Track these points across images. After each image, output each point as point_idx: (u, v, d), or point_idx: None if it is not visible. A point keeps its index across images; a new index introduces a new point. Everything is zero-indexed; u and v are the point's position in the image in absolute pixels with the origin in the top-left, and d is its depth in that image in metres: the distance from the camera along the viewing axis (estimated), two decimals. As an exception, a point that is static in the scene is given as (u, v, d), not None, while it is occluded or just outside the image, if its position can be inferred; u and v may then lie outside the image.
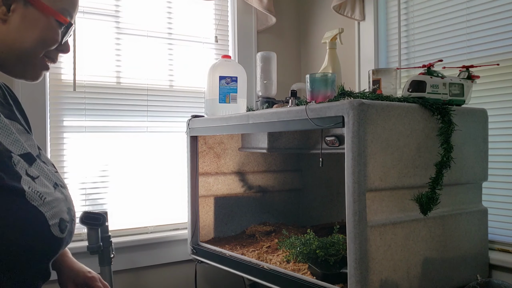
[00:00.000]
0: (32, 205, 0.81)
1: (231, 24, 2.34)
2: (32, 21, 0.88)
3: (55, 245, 0.87)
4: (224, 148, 2.01)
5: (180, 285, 2.11)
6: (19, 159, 0.84)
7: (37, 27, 0.89)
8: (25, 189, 0.81)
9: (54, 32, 0.91)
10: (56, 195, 0.88)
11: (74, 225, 0.94)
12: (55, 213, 0.85)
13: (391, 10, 2.05)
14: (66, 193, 0.94)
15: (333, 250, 1.44)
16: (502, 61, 1.62)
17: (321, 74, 1.44)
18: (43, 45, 0.91)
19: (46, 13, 0.89)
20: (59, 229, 0.85)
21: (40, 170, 0.88)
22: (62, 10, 0.92)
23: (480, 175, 1.52)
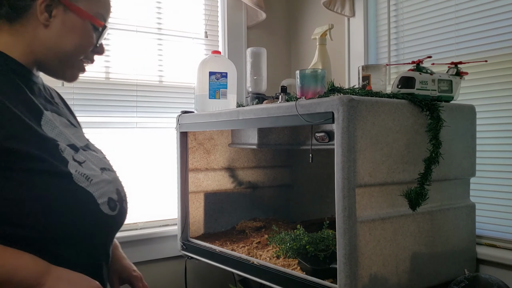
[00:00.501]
0: (80, 186, 0.90)
1: (221, 20, 2.33)
2: (71, 26, 0.96)
3: (108, 222, 0.97)
4: (214, 144, 2.00)
5: (170, 281, 2.11)
6: (65, 147, 0.93)
7: (75, 31, 0.97)
8: (72, 172, 0.90)
9: (90, 36, 1.00)
10: (103, 177, 0.97)
11: (125, 205, 1.03)
12: (103, 192, 0.94)
13: (381, 7, 2.06)
14: (114, 175, 1.03)
15: (322, 246, 1.45)
16: (490, 57, 1.64)
17: (311, 70, 1.44)
18: (81, 48, 0.99)
19: (83, 17, 0.97)
20: (108, 207, 0.95)
21: (87, 156, 0.98)
22: (97, 14, 1.00)
23: (468, 170, 1.53)
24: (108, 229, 0.99)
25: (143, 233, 2.02)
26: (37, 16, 0.93)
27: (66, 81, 1.05)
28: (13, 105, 0.87)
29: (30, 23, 0.94)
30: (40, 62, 0.98)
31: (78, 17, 0.97)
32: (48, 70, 1.01)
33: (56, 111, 1.02)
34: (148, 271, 2.06)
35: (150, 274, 2.06)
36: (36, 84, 1.00)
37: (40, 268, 0.84)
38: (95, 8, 0.99)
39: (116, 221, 1.00)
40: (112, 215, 0.96)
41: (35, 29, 0.94)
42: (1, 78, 0.90)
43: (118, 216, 0.99)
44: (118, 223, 1.02)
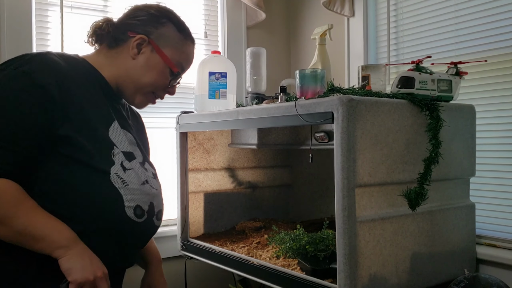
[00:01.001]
0: (114, 186, 1.05)
1: (221, 20, 2.33)
2: (152, 64, 1.16)
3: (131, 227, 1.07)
4: (214, 144, 2.00)
5: (170, 281, 2.10)
6: (119, 152, 1.08)
7: (154, 70, 1.17)
8: (111, 172, 1.05)
9: (165, 78, 1.20)
10: (141, 187, 1.10)
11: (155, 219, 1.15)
12: (133, 198, 1.07)
13: (381, 7, 2.06)
14: (155, 192, 1.16)
15: (322, 246, 1.45)
16: (490, 57, 1.64)
17: (311, 70, 1.44)
18: (155, 85, 1.19)
19: (164, 61, 1.17)
20: (133, 212, 1.07)
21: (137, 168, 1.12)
22: (178, 63, 1.21)
23: (468, 170, 1.53)
24: (131, 233, 1.10)
25: (143, 233, 2.02)
26: (129, 50, 1.14)
27: (133, 105, 1.24)
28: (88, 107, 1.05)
29: (123, 53, 1.15)
30: (119, 86, 1.17)
31: (160, 59, 1.17)
32: (123, 93, 1.19)
33: (126, 127, 1.17)
34: (148, 271, 2.06)
35: (150, 274, 2.06)
36: (118, 102, 1.19)
37: (71, 236, 0.99)
38: (177, 57, 1.20)
39: (140, 229, 1.11)
40: (136, 221, 1.08)
41: (125, 59, 1.15)
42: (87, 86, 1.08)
43: (143, 225, 1.11)
44: (142, 232, 1.13)
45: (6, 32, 1.75)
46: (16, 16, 1.79)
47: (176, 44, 1.20)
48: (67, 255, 0.97)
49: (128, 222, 1.07)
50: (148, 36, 1.15)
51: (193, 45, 1.26)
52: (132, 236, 1.11)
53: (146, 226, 1.12)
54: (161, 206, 1.20)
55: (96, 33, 1.18)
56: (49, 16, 1.90)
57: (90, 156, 1.02)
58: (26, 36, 1.80)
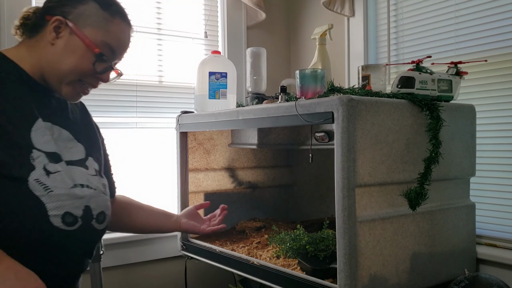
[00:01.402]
0: (34, 195, 0.92)
1: (221, 20, 2.33)
2: (72, 48, 1.02)
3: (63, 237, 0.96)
4: (214, 144, 2.00)
5: (170, 281, 2.11)
6: (40, 155, 0.96)
7: (75, 54, 1.02)
8: (29, 179, 0.92)
9: (89, 61, 1.04)
10: (71, 191, 0.98)
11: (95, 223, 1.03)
12: (60, 205, 0.95)
13: (381, 6, 2.06)
14: (92, 193, 1.04)
15: (322, 246, 1.45)
16: (490, 57, 1.64)
17: (311, 70, 1.44)
18: (77, 71, 1.04)
19: (84, 42, 1.02)
20: (62, 221, 0.95)
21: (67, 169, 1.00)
22: (102, 43, 1.04)
23: (468, 170, 1.53)
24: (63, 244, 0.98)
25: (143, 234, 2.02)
26: (47, 35, 1.02)
27: (63, 97, 1.08)
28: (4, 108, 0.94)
29: (43, 40, 1.03)
30: (44, 76, 1.04)
31: (80, 41, 1.02)
32: (50, 85, 1.06)
33: (59, 123, 1.06)
34: (148, 271, 2.06)
35: (150, 274, 2.06)
36: (46, 95, 1.06)
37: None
38: (100, 37, 1.04)
39: (76, 237, 0.99)
40: (67, 230, 0.97)
41: (45, 47, 1.03)
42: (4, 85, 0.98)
43: (78, 232, 0.99)
44: (80, 240, 1.01)
45: (6, 32, 1.75)
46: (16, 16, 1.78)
47: (99, 22, 1.04)
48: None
49: (57, 232, 0.95)
50: (66, 17, 1.02)
51: (125, 24, 1.10)
52: (68, 246, 0.99)
53: (83, 233, 1.00)
54: (102, 208, 1.06)
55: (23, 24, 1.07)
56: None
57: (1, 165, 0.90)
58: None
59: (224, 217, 1.50)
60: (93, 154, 1.12)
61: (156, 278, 2.07)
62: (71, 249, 1.01)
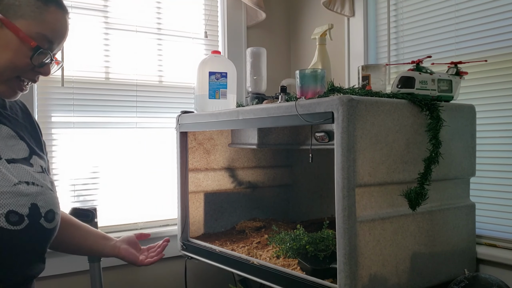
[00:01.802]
0: None
1: (221, 20, 2.33)
2: (4, 43, 0.94)
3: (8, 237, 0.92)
4: (214, 144, 2.00)
5: (170, 281, 2.11)
6: None
7: (8, 48, 0.95)
8: None
9: (25, 56, 0.96)
10: (15, 189, 0.94)
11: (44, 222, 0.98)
12: (2, 204, 0.91)
13: (381, 6, 2.06)
14: (39, 190, 0.98)
15: (322, 246, 1.45)
16: (490, 57, 1.64)
17: (311, 70, 1.44)
18: (13, 67, 0.96)
19: (18, 36, 0.94)
20: (5, 220, 0.91)
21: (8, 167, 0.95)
22: (38, 34, 0.96)
23: (468, 170, 1.53)
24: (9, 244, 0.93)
25: (143, 233, 2.02)
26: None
27: (3, 98, 1.02)
28: None
29: None
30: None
31: (13, 34, 0.95)
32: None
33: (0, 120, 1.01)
34: (148, 271, 2.06)
35: (150, 274, 2.06)
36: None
37: None
38: (35, 29, 0.96)
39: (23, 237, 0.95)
40: (12, 230, 0.92)
41: None
42: None
43: (26, 231, 0.94)
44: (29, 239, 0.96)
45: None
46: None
47: (31, 13, 0.96)
48: None
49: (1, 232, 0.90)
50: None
51: (61, 11, 1.01)
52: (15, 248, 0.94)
53: (31, 232, 0.95)
54: (51, 206, 1.01)
55: None
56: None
57: None
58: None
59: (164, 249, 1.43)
60: (37, 153, 1.06)
61: (156, 278, 2.07)
62: (18, 251, 0.96)
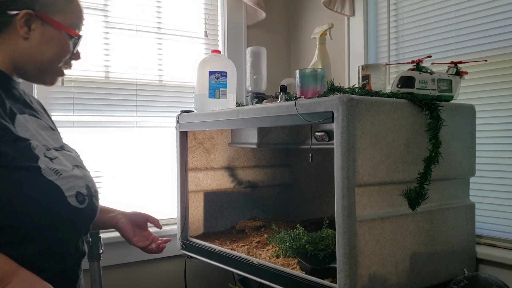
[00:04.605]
0: (49, 180, 0.97)
1: (221, 19, 2.33)
2: (49, 37, 1.05)
3: (76, 215, 1.02)
4: (214, 143, 2.00)
5: (170, 280, 2.11)
6: (37, 145, 1.00)
7: (53, 42, 1.05)
8: (42, 166, 0.97)
9: (67, 45, 1.08)
10: (73, 172, 1.03)
11: (95, 200, 1.09)
12: (71, 186, 1.00)
13: (381, 6, 2.06)
14: (86, 173, 1.10)
15: (322, 245, 1.45)
16: (490, 57, 1.64)
17: (311, 70, 1.44)
18: (59, 57, 1.07)
19: (60, 29, 1.05)
20: (76, 200, 1.01)
21: (61, 154, 1.05)
22: (72, 25, 1.08)
23: (467, 170, 1.53)
24: (77, 222, 1.04)
25: (143, 233, 2.01)
26: (18, 30, 1.02)
27: (45, 85, 1.12)
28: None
29: (11, 35, 1.03)
30: (20, 70, 1.06)
31: (55, 29, 1.05)
32: (28, 77, 1.09)
33: (34, 114, 1.08)
34: (148, 270, 2.06)
35: (150, 273, 2.06)
36: (16, 89, 1.08)
37: (8, 267, 0.89)
38: (70, 19, 1.07)
39: (85, 214, 1.05)
40: (80, 208, 1.02)
41: (16, 41, 1.03)
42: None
43: (87, 209, 1.04)
44: (87, 217, 1.07)
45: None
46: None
47: (63, 6, 1.06)
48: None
49: (74, 211, 1.01)
50: (33, 9, 1.02)
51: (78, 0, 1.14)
52: (80, 224, 1.06)
53: (90, 210, 1.06)
54: (95, 186, 1.11)
55: None
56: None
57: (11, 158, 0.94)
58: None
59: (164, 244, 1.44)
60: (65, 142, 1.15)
61: (155, 277, 2.07)
62: (81, 228, 1.07)
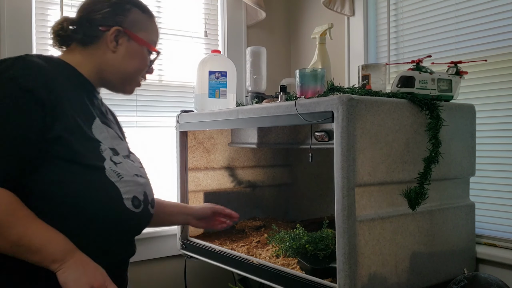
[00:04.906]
0: (110, 180, 1.06)
1: (221, 19, 2.33)
2: (132, 52, 1.18)
3: (130, 218, 1.10)
4: (214, 143, 2.00)
5: (170, 280, 2.11)
6: (106, 148, 1.09)
7: (136, 56, 1.19)
8: (106, 167, 1.06)
9: (146, 60, 1.22)
10: (134, 179, 1.12)
11: (150, 208, 1.17)
12: (129, 190, 1.09)
13: (381, 6, 2.06)
14: (147, 182, 1.19)
15: (322, 245, 1.45)
16: (490, 57, 1.64)
17: (311, 69, 1.44)
18: (140, 70, 1.21)
19: (142, 45, 1.19)
20: (132, 203, 1.09)
21: (124, 160, 1.14)
22: (152, 42, 1.23)
23: (467, 170, 1.53)
24: (130, 224, 1.12)
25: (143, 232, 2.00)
26: (107, 44, 1.15)
27: (125, 94, 1.26)
28: (72, 107, 1.06)
29: (100, 48, 1.15)
30: (104, 80, 1.19)
31: (138, 45, 1.18)
32: (111, 86, 1.22)
33: (107, 123, 1.18)
34: (148, 270, 2.06)
35: (150, 273, 2.06)
36: (97, 98, 1.21)
37: (67, 247, 0.97)
38: (151, 37, 1.22)
39: (139, 219, 1.13)
40: (134, 212, 1.10)
41: (104, 53, 1.16)
42: (70, 85, 1.09)
43: (141, 214, 1.12)
44: (140, 221, 1.15)
45: (6, 30, 1.75)
46: (16, 14, 1.79)
47: (146, 25, 1.21)
48: (62, 268, 0.95)
49: (128, 213, 1.09)
50: (122, 26, 1.15)
51: (155, 19, 1.27)
52: (132, 226, 1.14)
53: (143, 215, 1.14)
54: (152, 195, 1.22)
55: (59, 35, 1.18)
56: (49, 15, 1.90)
57: (81, 155, 1.03)
58: (26, 35, 1.80)
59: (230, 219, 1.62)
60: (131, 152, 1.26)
61: (155, 277, 2.07)
62: (133, 230, 1.16)
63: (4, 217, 0.93)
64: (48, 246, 0.95)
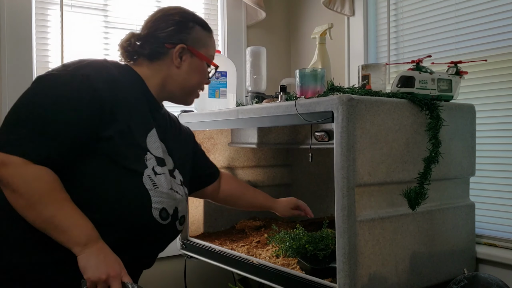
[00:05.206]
0: (145, 187, 1.11)
1: (221, 19, 2.33)
2: (194, 67, 1.26)
3: (154, 227, 1.13)
4: (214, 143, 2.00)
5: (170, 280, 2.11)
6: (151, 157, 1.15)
7: (198, 71, 1.27)
8: (144, 174, 1.11)
9: (206, 74, 1.31)
10: (170, 193, 1.17)
11: (178, 224, 1.21)
12: (160, 201, 1.13)
13: (381, 6, 2.06)
14: (181, 199, 1.23)
15: (322, 245, 1.45)
16: (490, 57, 1.64)
17: (311, 69, 1.44)
18: (200, 83, 1.30)
19: (203, 60, 1.27)
20: (159, 214, 1.13)
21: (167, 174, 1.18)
22: (211, 57, 1.31)
23: (467, 170, 1.53)
24: (153, 234, 1.15)
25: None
26: (172, 60, 1.23)
27: (186, 105, 1.35)
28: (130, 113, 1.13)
29: (166, 63, 1.23)
30: (167, 92, 1.26)
31: (199, 60, 1.26)
32: (174, 98, 1.30)
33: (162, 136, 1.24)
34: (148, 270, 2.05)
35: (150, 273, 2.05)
36: (159, 113, 1.27)
37: (92, 233, 1.02)
38: (210, 52, 1.30)
39: (163, 231, 1.16)
40: (160, 223, 1.14)
41: (169, 68, 1.24)
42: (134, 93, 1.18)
43: (166, 227, 1.15)
44: (165, 234, 1.19)
45: (6, 30, 1.75)
46: (16, 14, 1.79)
47: (206, 42, 1.29)
48: (84, 253, 1.00)
49: (153, 222, 1.13)
50: (186, 44, 1.23)
51: (213, 34, 1.35)
52: (155, 236, 1.17)
53: (169, 229, 1.18)
54: (184, 212, 1.25)
55: (127, 50, 1.25)
56: (49, 15, 1.90)
57: (125, 158, 1.10)
58: (26, 34, 1.80)
59: None
60: (180, 167, 1.29)
61: (155, 277, 2.07)
62: (155, 240, 1.18)
63: (43, 194, 1.00)
64: (75, 229, 1.01)
